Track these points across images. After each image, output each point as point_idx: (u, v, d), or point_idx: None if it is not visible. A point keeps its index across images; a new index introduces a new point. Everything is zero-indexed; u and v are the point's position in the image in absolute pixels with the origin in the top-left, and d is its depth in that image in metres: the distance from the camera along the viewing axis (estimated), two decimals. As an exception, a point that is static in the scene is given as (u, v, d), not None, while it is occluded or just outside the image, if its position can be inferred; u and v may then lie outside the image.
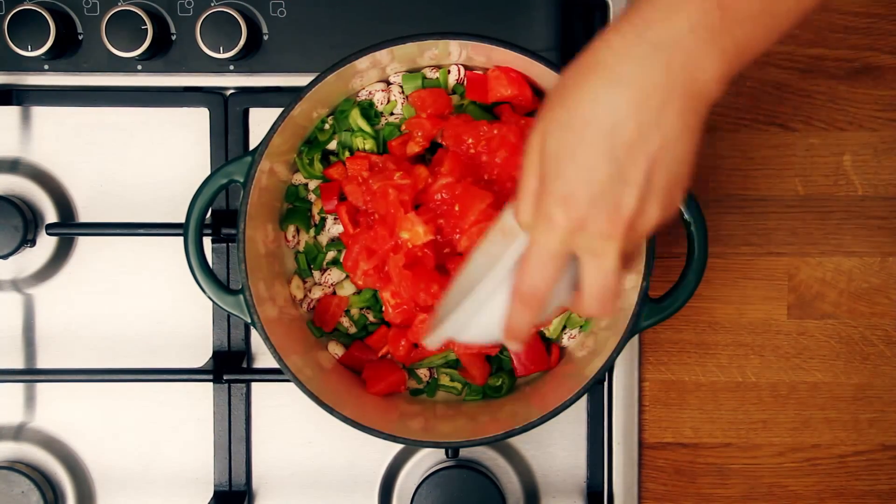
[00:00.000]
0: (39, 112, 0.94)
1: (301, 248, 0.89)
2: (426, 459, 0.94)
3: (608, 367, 0.82)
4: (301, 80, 0.87)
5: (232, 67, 0.92)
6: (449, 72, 0.86)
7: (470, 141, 0.82)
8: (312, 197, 0.88)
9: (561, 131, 0.60)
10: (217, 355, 0.93)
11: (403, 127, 0.86)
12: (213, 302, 0.81)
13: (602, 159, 0.59)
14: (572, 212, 0.60)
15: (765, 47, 0.61)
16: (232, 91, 0.93)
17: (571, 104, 0.60)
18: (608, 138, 0.59)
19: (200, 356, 0.94)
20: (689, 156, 0.61)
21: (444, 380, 0.89)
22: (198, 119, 0.94)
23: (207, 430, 0.94)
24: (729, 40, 0.59)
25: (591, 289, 0.63)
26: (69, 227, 0.93)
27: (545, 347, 0.88)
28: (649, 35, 0.59)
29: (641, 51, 0.59)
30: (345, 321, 0.89)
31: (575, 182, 0.60)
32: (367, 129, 0.86)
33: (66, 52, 0.92)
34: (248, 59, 0.92)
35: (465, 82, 0.87)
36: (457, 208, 0.80)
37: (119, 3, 0.91)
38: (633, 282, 0.81)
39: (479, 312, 0.67)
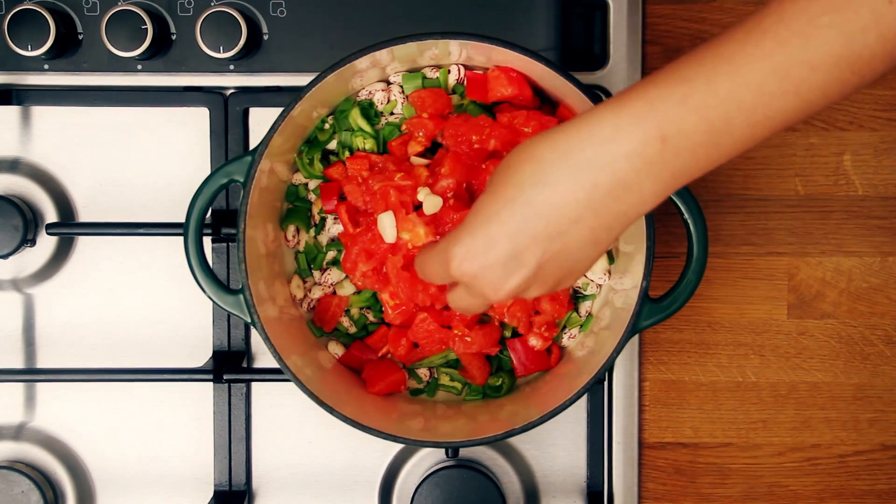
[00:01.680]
0: (39, 112, 0.94)
1: (301, 247, 0.89)
2: (426, 459, 0.94)
3: (608, 367, 0.82)
4: (301, 80, 0.87)
5: (232, 67, 0.92)
6: (449, 72, 0.86)
7: (474, 137, 0.82)
8: (312, 197, 0.88)
9: (491, 196, 0.65)
10: (217, 355, 0.93)
11: (403, 127, 0.86)
12: (213, 302, 0.81)
13: (506, 238, 0.64)
14: (465, 265, 0.66)
15: (704, 173, 0.62)
16: (232, 91, 0.93)
17: (507, 178, 0.65)
18: (518, 224, 0.64)
19: (200, 356, 0.94)
20: (589, 260, 0.66)
21: (444, 380, 0.89)
22: (198, 119, 0.94)
23: (207, 430, 0.94)
24: (665, 170, 0.61)
25: (456, 304, 0.73)
26: (69, 227, 0.93)
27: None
28: (587, 151, 0.61)
29: (574, 163, 0.62)
30: (345, 321, 0.89)
31: (480, 245, 0.65)
32: (367, 128, 0.86)
33: (66, 51, 0.92)
34: (248, 58, 0.92)
35: (465, 82, 0.87)
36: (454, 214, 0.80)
37: (119, 3, 0.91)
38: (633, 282, 0.81)
39: None
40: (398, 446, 0.94)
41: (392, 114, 0.87)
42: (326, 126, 0.87)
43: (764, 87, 0.58)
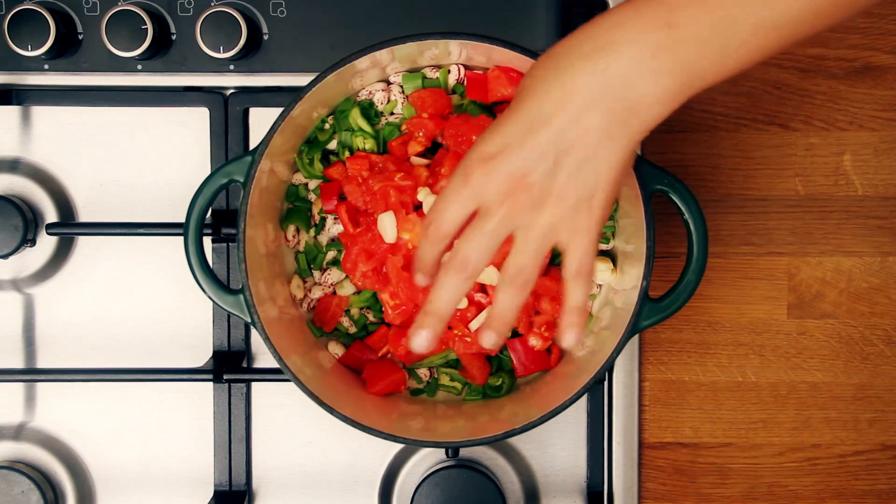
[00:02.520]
0: (39, 112, 0.94)
1: (301, 247, 0.89)
2: (426, 459, 0.94)
3: (608, 367, 0.82)
4: (301, 80, 0.87)
5: (232, 67, 0.92)
6: (449, 72, 0.86)
7: (474, 137, 0.82)
8: (312, 197, 0.88)
9: (513, 101, 0.66)
10: (217, 355, 0.93)
11: (404, 127, 0.86)
12: (213, 302, 0.81)
13: (523, 132, 0.64)
14: (489, 164, 0.65)
15: (718, 77, 0.63)
16: (232, 91, 0.93)
17: (526, 78, 0.66)
18: (535, 118, 0.64)
19: (200, 356, 0.94)
20: (608, 171, 0.65)
21: (444, 380, 0.89)
22: (198, 119, 0.94)
23: (207, 429, 0.94)
24: (673, 60, 0.61)
25: (463, 241, 0.67)
26: (69, 227, 0.93)
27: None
28: (598, 39, 0.63)
29: (587, 51, 0.63)
30: (345, 321, 0.89)
31: (497, 143, 0.65)
32: (368, 128, 0.86)
33: (66, 51, 0.92)
34: (248, 58, 0.92)
35: (466, 82, 0.87)
36: None
37: (119, 3, 0.91)
38: (633, 282, 0.81)
39: None
40: (398, 446, 0.94)
41: (392, 114, 0.87)
42: (326, 126, 0.87)
43: None
